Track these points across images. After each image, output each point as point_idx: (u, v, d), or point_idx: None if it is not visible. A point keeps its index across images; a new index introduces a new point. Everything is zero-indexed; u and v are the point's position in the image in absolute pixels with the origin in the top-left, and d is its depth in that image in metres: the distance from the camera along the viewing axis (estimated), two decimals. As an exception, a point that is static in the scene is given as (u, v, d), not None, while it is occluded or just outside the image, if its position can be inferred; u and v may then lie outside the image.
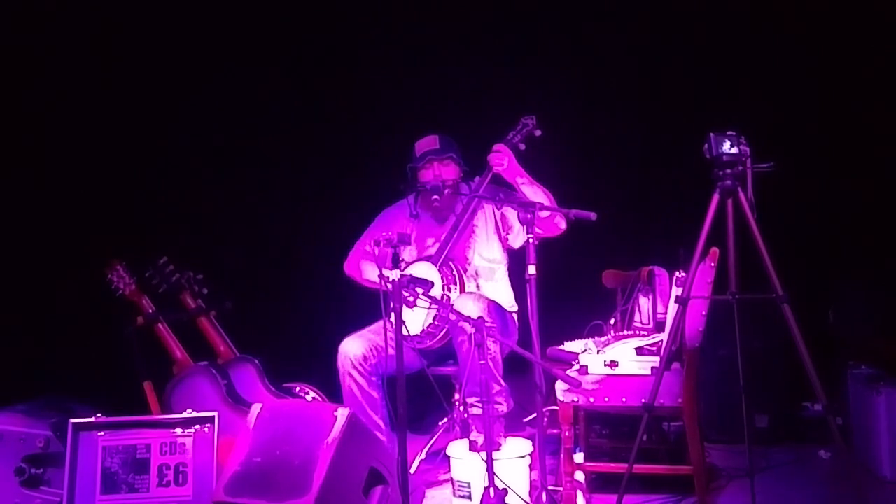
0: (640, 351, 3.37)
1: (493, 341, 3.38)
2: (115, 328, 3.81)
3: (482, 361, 3.04)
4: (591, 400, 3.33)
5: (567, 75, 4.64)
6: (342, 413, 3.08)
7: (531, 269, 3.23)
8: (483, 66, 4.68)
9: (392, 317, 3.14)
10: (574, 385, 3.24)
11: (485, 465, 3.06)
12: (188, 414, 3.33)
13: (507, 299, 3.91)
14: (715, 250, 3.16)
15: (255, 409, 3.19)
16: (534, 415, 3.54)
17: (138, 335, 3.79)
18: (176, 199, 4.70)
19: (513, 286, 3.94)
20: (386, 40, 4.80)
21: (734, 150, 3.06)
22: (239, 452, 3.07)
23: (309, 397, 3.90)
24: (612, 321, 3.85)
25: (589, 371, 3.34)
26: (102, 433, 3.29)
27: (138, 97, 4.66)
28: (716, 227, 3.10)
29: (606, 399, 3.32)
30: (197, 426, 3.32)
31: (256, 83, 4.81)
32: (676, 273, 3.27)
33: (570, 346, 3.67)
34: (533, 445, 3.45)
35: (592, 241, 3.97)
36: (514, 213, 3.74)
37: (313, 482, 2.92)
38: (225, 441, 3.26)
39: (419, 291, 3.22)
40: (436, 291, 3.55)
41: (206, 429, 3.31)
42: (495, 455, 3.16)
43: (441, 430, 3.96)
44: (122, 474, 3.27)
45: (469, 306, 3.48)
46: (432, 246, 3.91)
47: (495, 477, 3.07)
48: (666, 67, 4.59)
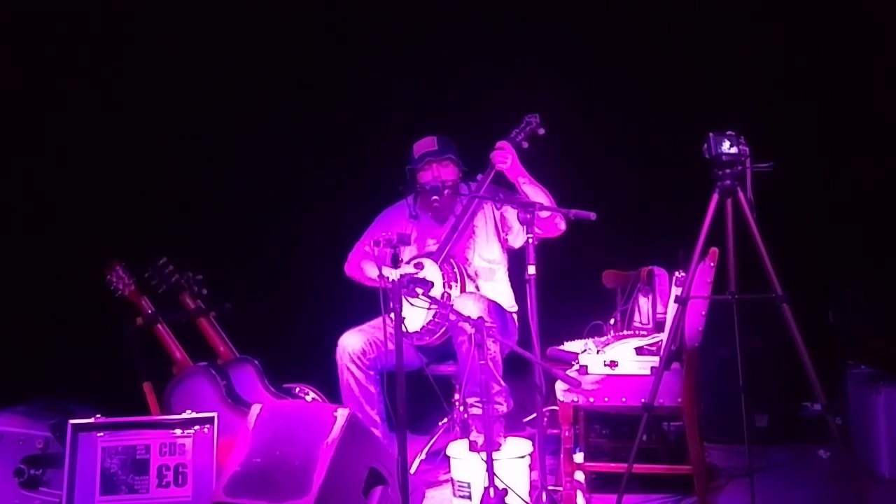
0: (639, 351, 3.37)
1: (493, 341, 3.39)
2: (114, 329, 3.80)
3: (482, 361, 3.03)
4: (591, 400, 3.32)
5: (567, 75, 4.63)
6: (342, 413, 3.08)
7: (531, 269, 3.23)
8: (483, 66, 4.68)
9: (392, 315, 3.14)
10: (574, 385, 3.24)
11: (485, 466, 3.06)
12: (188, 415, 3.33)
13: (507, 299, 3.91)
14: (714, 250, 3.16)
15: (255, 409, 3.19)
16: (534, 415, 3.54)
17: (138, 336, 3.78)
18: (176, 199, 4.70)
19: (513, 286, 3.94)
20: (387, 40, 4.79)
21: (733, 150, 3.05)
22: (239, 453, 3.07)
23: (309, 398, 3.89)
24: (611, 321, 3.84)
25: (589, 371, 3.34)
26: (102, 434, 3.28)
27: (138, 97, 4.65)
28: (715, 227, 3.10)
29: (606, 399, 3.31)
30: (196, 427, 3.31)
31: (256, 83, 4.81)
32: (676, 273, 3.27)
33: (570, 346, 3.67)
34: (533, 445, 3.45)
35: (592, 241, 3.98)
36: (513, 213, 3.73)
37: (313, 482, 2.92)
38: (225, 441, 3.26)
39: (419, 292, 3.21)
40: (436, 291, 3.55)
41: (205, 429, 3.31)
42: (495, 455, 3.16)
43: (441, 431, 3.95)
44: (121, 475, 3.26)
45: (469, 306, 3.48)
46: (432, 246, 3.91)
47: (495, 477, 3.06)
48: (666, 67, 4.59)
